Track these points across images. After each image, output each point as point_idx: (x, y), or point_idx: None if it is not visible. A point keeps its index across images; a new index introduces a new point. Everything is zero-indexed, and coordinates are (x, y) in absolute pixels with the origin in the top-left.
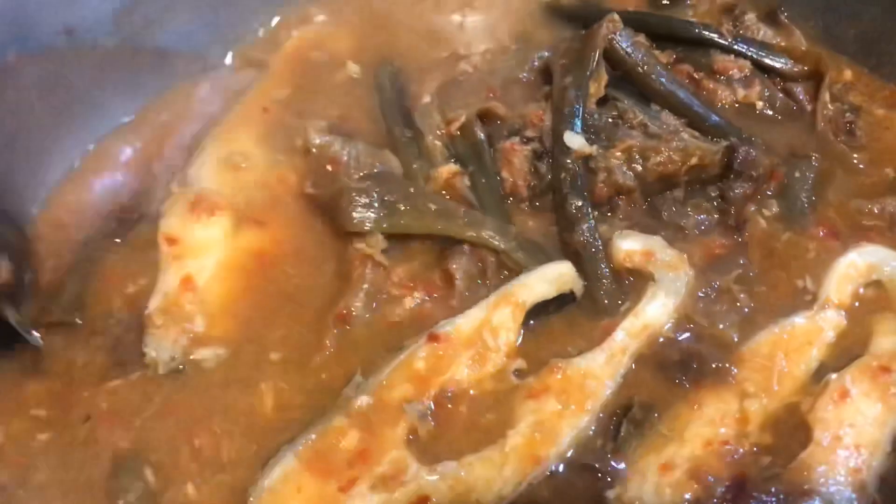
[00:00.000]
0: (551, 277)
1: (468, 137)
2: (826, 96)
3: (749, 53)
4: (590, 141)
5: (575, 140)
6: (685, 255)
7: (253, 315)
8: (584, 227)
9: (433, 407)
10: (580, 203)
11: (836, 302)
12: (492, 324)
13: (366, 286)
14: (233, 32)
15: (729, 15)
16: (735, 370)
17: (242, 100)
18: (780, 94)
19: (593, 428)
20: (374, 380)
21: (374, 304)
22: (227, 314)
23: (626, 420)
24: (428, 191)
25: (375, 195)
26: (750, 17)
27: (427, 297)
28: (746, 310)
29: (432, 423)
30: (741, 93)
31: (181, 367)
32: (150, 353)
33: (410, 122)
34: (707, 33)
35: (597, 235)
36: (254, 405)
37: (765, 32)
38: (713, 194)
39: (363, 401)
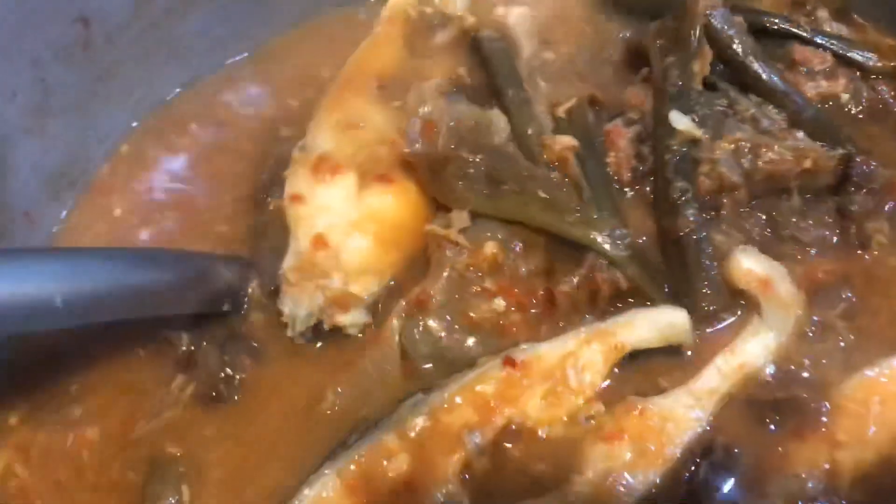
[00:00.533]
0: (662, 325)
1: (577, 120)
2: None
3: (830, 46)
4: (697, 125)
5: (681, 121)
6: (802, 295)
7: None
8: (689, 212)
9: (493, 441)
10: (685, 186)
11: None
12: (579, 359)
13: (447, 272)
14: (257, 23)
15: (800, 10)
16: (828, 416)
17: (350, 60)
18: (866, 90)
19: None
20: (435, 397)
21: (458, 296)
22: (366, 273)
23: (706, 464)
24: (540, 174)
25: (484, 171)
26: (822, 14)
27: (519, 308)
28: (847, 347)
29: (489, 459)
30: (824, 85)
31: (322, 325)
32: (286, 310)
33: (522, 87)
34: (785, 24)
35: (702, 223)
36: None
37: (840, 30)
38: (828, 208)
39: (420, 422)
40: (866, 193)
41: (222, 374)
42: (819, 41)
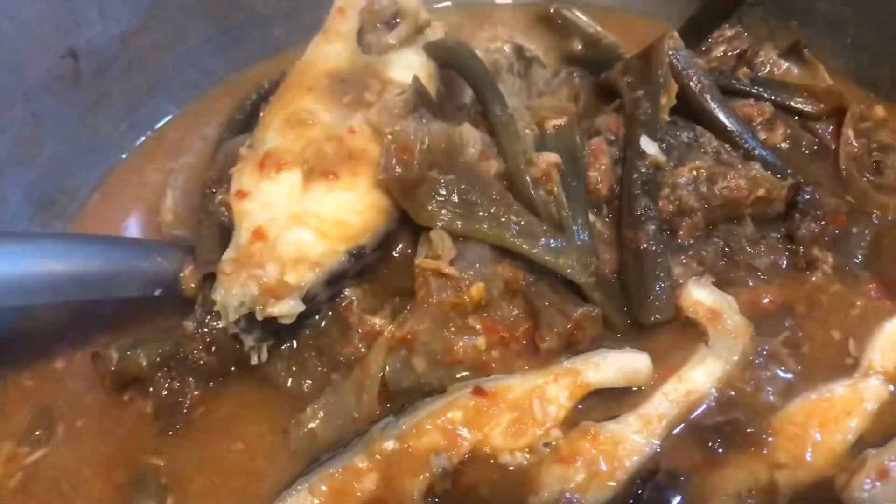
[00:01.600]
0: (626, 369)
1: (564, 138)
2: (850, 133)
3: (769, 97)
4: (663, 153)
5: (651, 146)
6: (752, 326)
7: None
8: (651, 227)
9: (457, 465)
10: (649, 203)
11: (880, 370)
12: (546, 394)
13: (433, 311)
14: (243, 52)
15: (742, 59)
16: (768, 439)
17: (298, 62)
18: (806, 134)
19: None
20: (406, 421)
21: (443, 334)
22: (302, 263)
23: (650, 486)
24: (511, 199)
25: (456, 192)
26: (768, 55)
27: (501, 344)
28: (791, 375)
29: (450, 483)
30: (764, 136)
31: (254, 312)
32: (217, 298)
33: (505, 102)
34: (724, 81)
35: (661, 238)
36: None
37: (788, 68)
38: (778, 235)
39: (389, 444)
40: (812, 220)
41: (174, 401)
42: (756, 92)
